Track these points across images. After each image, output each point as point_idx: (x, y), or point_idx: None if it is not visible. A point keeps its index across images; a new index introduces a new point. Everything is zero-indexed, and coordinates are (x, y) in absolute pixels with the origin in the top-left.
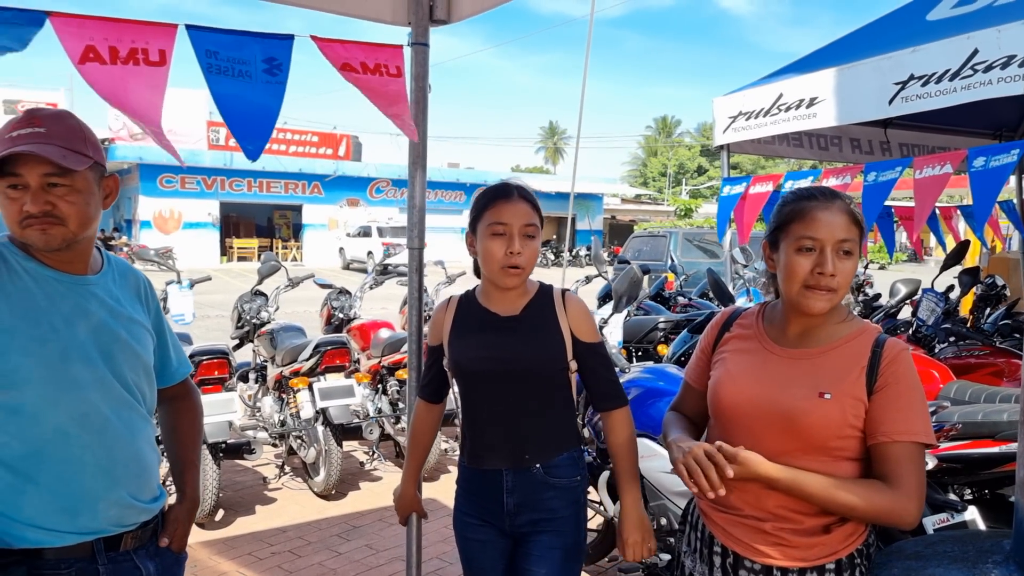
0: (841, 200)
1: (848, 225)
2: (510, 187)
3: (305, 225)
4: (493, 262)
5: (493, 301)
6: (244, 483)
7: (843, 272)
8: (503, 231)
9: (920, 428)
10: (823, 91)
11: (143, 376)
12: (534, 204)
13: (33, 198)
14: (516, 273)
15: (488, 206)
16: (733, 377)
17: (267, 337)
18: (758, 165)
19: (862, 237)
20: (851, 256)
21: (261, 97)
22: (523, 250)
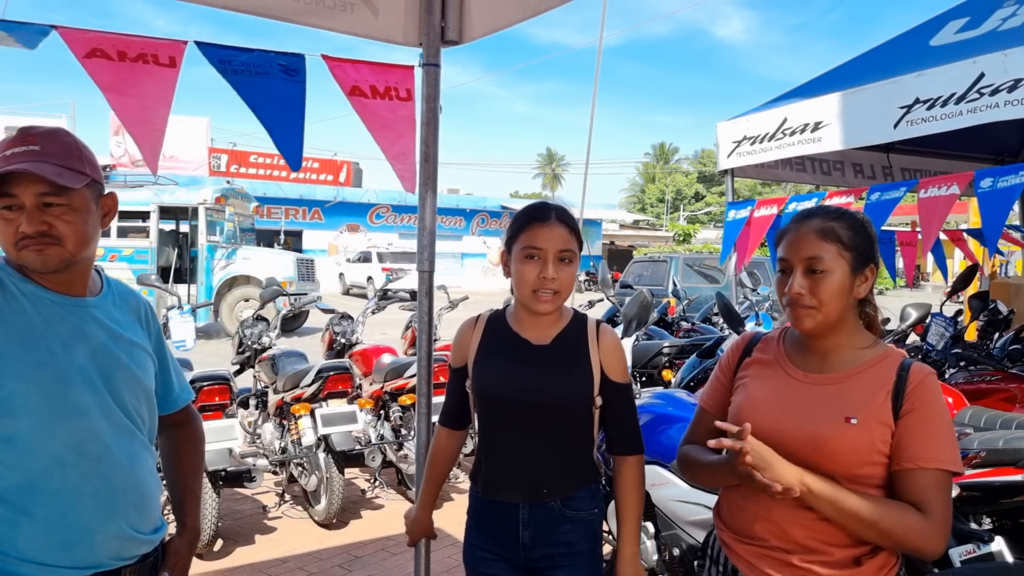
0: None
1: (817, 242)
2: (548, 209)
3: (305, 251)
4: (525, 286)
5: (524, 326)
6: (244, 512)
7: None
8: (537, 255)
9: (948, 455)
10: (828, 115)
11: (144, 402)
12: (572, 228)
13: (28, 218)
14: (549, 299)
15: (524, 228)
16: (755, 403)
17: (268, 362)
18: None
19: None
20: (825, 274)
21: (283, 93)
22: (557, 275)
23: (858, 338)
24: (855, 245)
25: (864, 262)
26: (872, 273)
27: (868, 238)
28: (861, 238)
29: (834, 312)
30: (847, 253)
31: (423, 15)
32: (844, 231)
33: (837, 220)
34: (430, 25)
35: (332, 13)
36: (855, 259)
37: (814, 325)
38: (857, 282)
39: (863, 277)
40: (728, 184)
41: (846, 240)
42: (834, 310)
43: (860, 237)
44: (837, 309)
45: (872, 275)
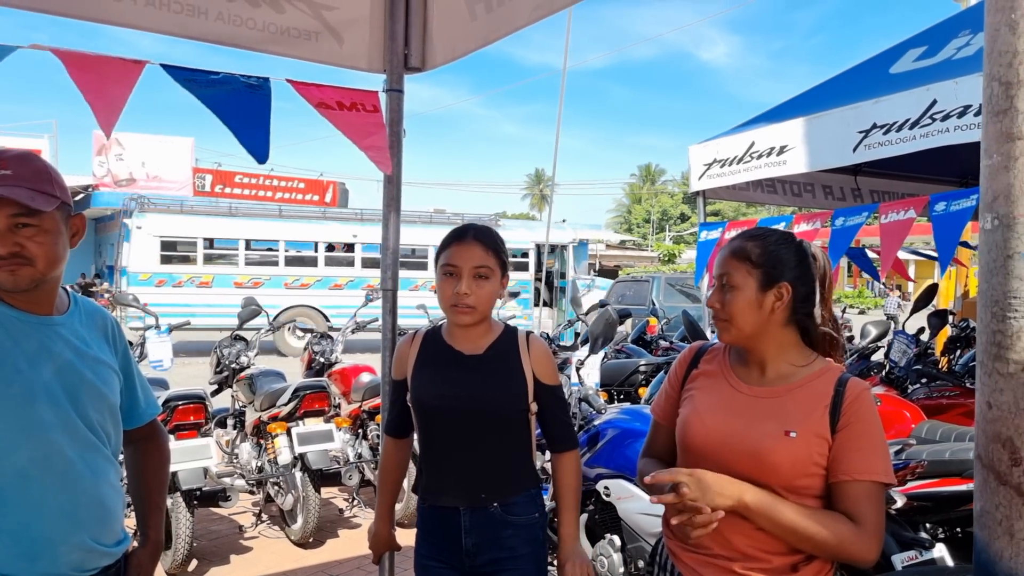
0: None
1: (729, 260)
2: (466, 229)
3: None
4: (444, 301)
5: (457, 339)
6: (219, 532)
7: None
8: (453, 271)
9: (880, 467)
10: (792, 139)
11: (108, 417)
12: (489, 245)
13: (1, 239)
14: (466, 312)
15: (445, 247)
16: (701, 414)
17: (246, 382)
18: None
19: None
20: (734, 289)
21: (248, 101)
22: (471, 291)
23: (794, 354)
24: (763, 264)
25: (773, 281)
26: (787, 291)
27: (783, 258)
28: (771, 259)
29: (747, 325)
30: (755, 271)
31: (387, 42)
32: (755, 251)
33: (751, 240)
34: (393, 52)
35: (297, 42)
36: (763, 277)
37: (729, 337)
38: (768, 299)
39: (776, 294)
40: (700, 205)
41: (755, 259)
42: (746, 323)
43: (772, 256)
44: (748, 323)
45: (787, 293)
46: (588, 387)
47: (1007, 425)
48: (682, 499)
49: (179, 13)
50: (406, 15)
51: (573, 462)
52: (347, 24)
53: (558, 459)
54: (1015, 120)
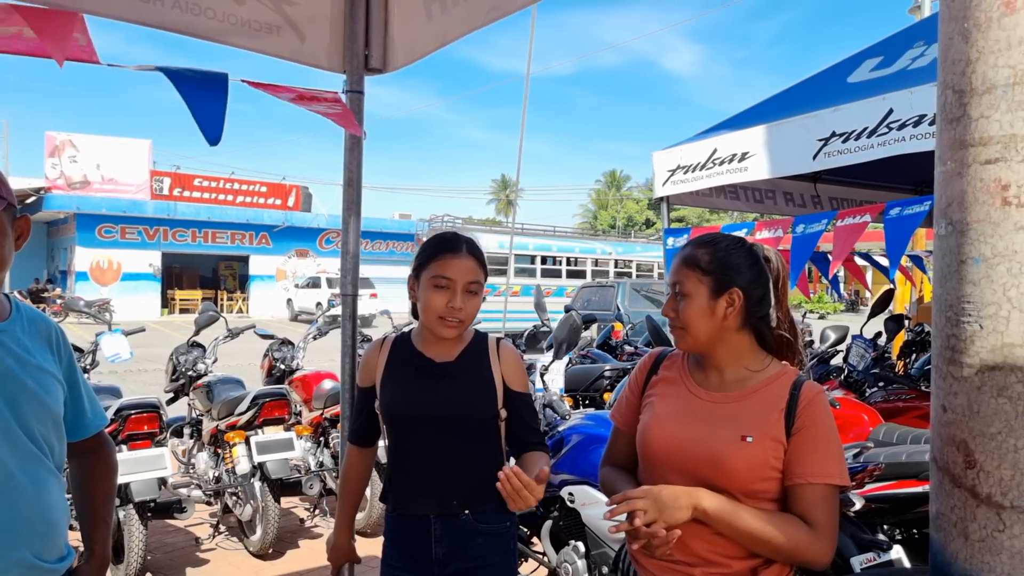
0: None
1: (680, 268)
2: (459, 241)
3: (252, 276)
4: (432, 312)
5: (428, 346)
6: (175, 544)
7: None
8: (447, 284)
9: (835, 470)
10: (754, 146)
11: (51, 428)
12: (480, 260)
13: None
14: (454, 326)
15: (435, 257)
16: (661, 421)
17: (203, 390)
18: (703, 218)
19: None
20: (686, 297)
21: (205, 77)
22: (464, 305)
23: (750, 359)
24: (713, 271)
25: (723, 287)
26: (738, 296)
27: (734, 264)
28: (721, 265)
29: (701, 332)
30: (706, 278)
31: (347, 43)
32: (704, 257)
33: (701, 247)
34: (353, 53)
35: (258, 35)
36: (714, 284)
37: (685, 345)
38: (719, 305)
39: (727, 300)
40: (664, 211)
41: (705, 266)
42: (700, 330)
43: (720, 264)
44: (704, 330)
45: (739, 298)
46: (552, 393)
47: (961, 428)
48: (638, 527)
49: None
50: (366, 15)
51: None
52: (309, 20)
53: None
54: (968, 127)
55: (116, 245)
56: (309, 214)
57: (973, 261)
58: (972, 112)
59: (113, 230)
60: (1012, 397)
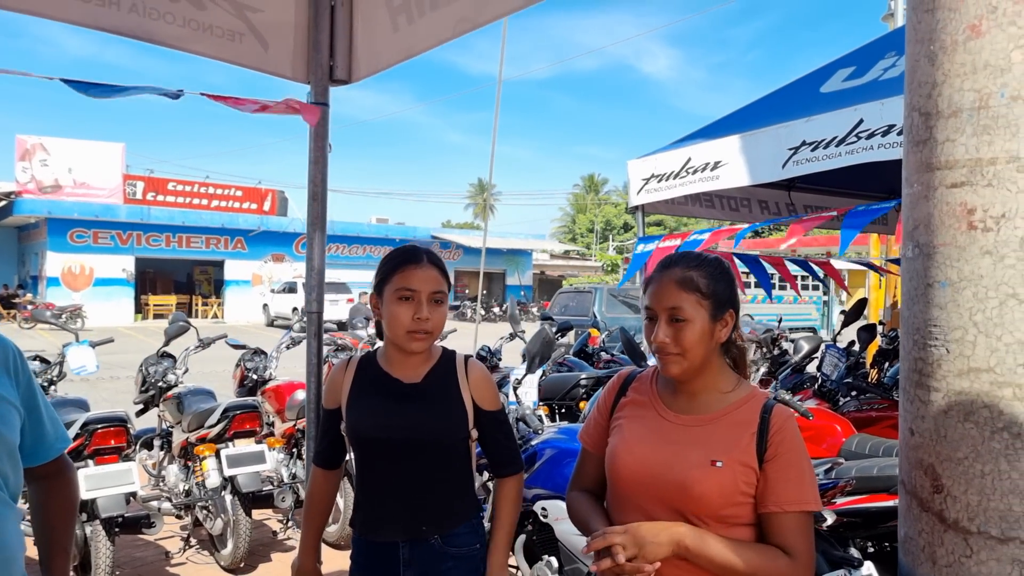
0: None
1: (677, 292)
2: (419, 252)
3: (228, 281)
4: (399, 327)
5: (395, 366)
6: (144, 559)
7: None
8: (411, 296)
9: (809, 496)
10: (727, 155)
11: (5, 459)
12: (443, 270)
13: None
14: (423, 338)
15: (396, 270)
16: (629, 445)
17: (174, 401)
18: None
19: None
20: (686, 323)
21: (156, 91)
22: (431, 316)
23: (723, 380)
24: (713, 292)
25: (723, 307)
26: (731, 317)
27: (727, 284)
28: (720, 284)
29: (697, 357)
30: (706, 301)
31: (311, 53)
32: (702, 280)
33: (696, 269)
34: (318, 64)
35: (220, 42)
36: (714, 306)
37: (680, 371)
38: (718, 327)
39: (723, 322)
40: (639, 220)
41: (704, 289)
42: (698, 355)
43: (719, 284)
44: (700, 354)
45: (731, 319)
46: (526, 406)
47: (928, 452)
48: (620, 566)
49: (87, 2)
50: (331, 25)
51: (515, 487)
52: (273, 27)
53: (500, 483)
54: (934, 150)
55: (88, 250)
56: (285, 218)
57: (940, 285)
58: (938, 135)
59: (85, 235)
60: (979, 422)
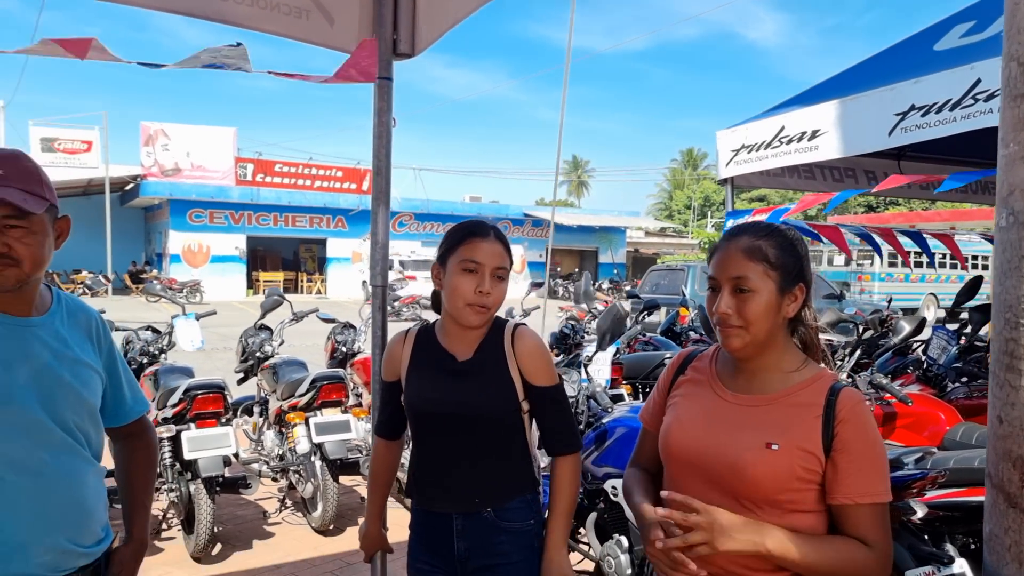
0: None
1: (743, 262)
2: (486, 226)
3: (329, 259)
4: (459, 299)
5: (451, 340)
6: (245, 517)
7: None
8: (475, 268)
9: (881, 488)
10: (825, 123)
11: (87, 419)
12: (507, 246)
13: None
14: (481, 312)
15: (463, 241)
16: (683, 424)
17: (270, 371)
18: (786, 197)
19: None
20: (751, 294)
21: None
22: (492, 291)
23: (787, 359)
24: (782, 264)
25: (792, 281)
26: (801, 292)
27: (797, 256)
28: (790, 256)
29: (762, 332)
30: (774, 272)
31: (376, 28)
32: (771, 250)
33: (765, 238)
34: (382, 38)
35: (287, 19)
36: (782, 278)
37: (742, 345)
38: (786, 301)
39: (792, 296)
40: (728, 193)
41: (773, 259)
42: (761, 330)
43: (789, 255)
44: (764, 329)
45: (802, 294)
46: (597, 384)
47: (1018, 443)
48: (688, 544)
49: None
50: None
51: (570, 468)
52: (338, 4)
53: (554, 463)
54: None
55: (205, 229)
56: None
57: None
58: None
59: (202, 215)
60: None
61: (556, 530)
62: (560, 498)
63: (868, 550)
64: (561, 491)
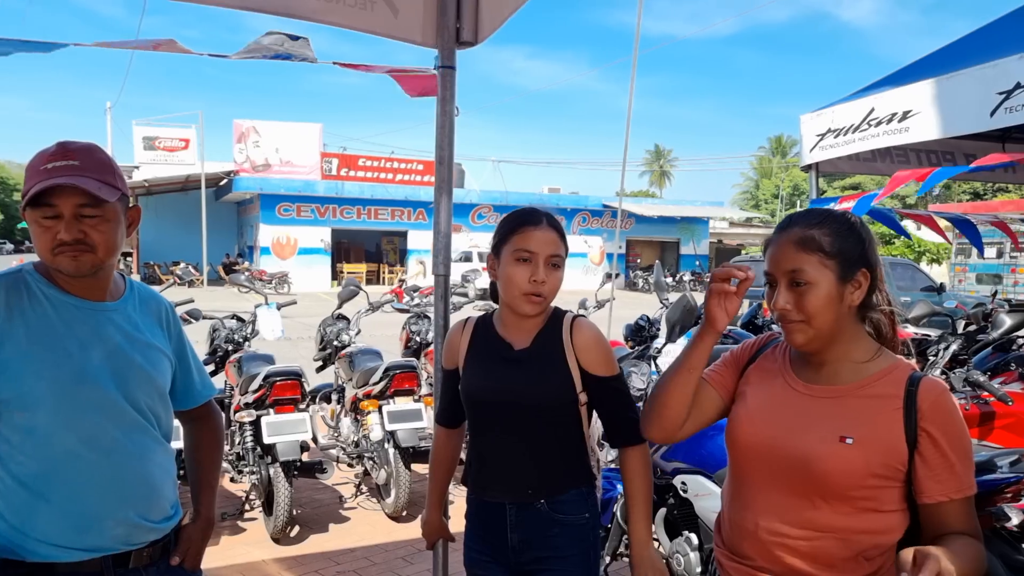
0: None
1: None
2: (539, 214)
3: (410, 251)
4: (514, 288)
5: (509, 329)
6: (322, 501)
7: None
8: (529, 258)
9: (972, 480)
10: (918, 104)
11: (158, 400)
12: (561, 234)
13: (67, 227)
14: (537, 302)
15: (515, 231)
16: (751, 415)
17: (346, 359)
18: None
19: None
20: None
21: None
22: (547, 279)
23: (860, 348)
24: (840, 251)
25: (853, 267)
26: (865, 277)
27: (857, 241)
28: (847, 242)
29: (825, 324)
30: (831, 261)
31: (439, 16)
32: (826, 238)
33: (818, 226)
34: (445, 27)
35: (352, 11)
36: (841, 266)
37: (806, 340)
38: (848, 290)
39: (855, 283)
40: (812, 180)
41: (828, 247)
42: (825, 322)
43: (846, 241)
44: (828, 321)
45: (866, 279)
46: None
47: None
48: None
49: None
50: None
51: (638, 459)
52: None
53: (621, 455)
54: None
55: (293, 222)
56: (461, 190)
57: None
58: None
59: (290, 208)
60: None
61: (637, 524)
62: (633, 491)
63: (978, 543)
64: (633, 483)
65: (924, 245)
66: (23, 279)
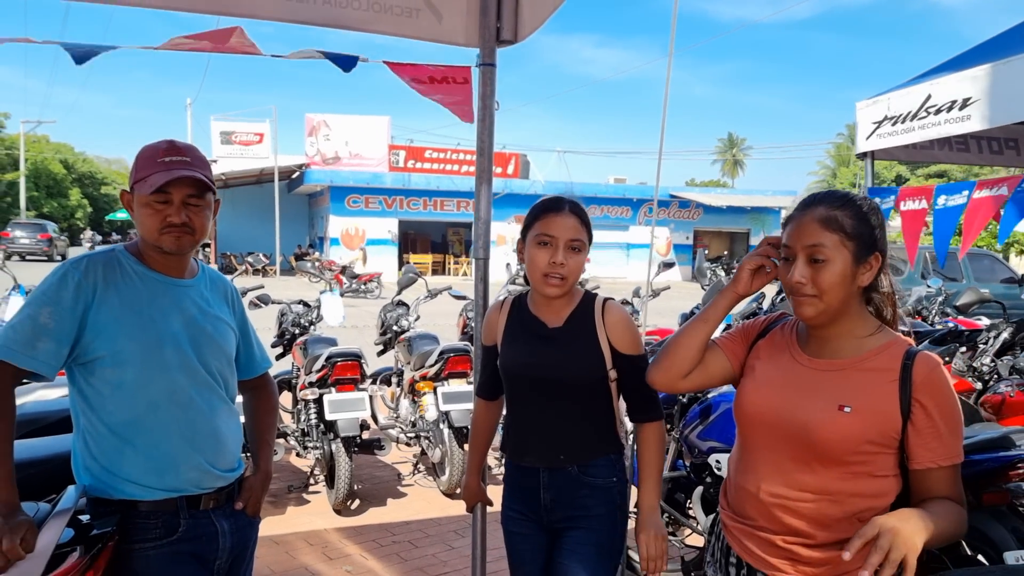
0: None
1: (819, 231)
2: (562, 201)
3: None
4: (536, 270)
5: (541, 309)
6: (382, 478)
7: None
8: (550, 242)
9: (960, 448)
10: (977, 90)
11: (225, 365)
12: (583, 220)
13: (177, 212)
14: (557, 284)
15: (539, 217)
16: (759, 386)
17: (405, 344)
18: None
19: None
20: (826, 263)
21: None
22: (566, 261)
23: (861, 325)
24: (858, 234)
25: (868, 250)
26: (877, 261)
27: (872, 226)
28: (865, 226)
29: (835, 301)
30: (850, 243)
31: (480, 17)
32: (847, 219)
33: (842, 208)
34: (485, 26)
35: (399, 20)
36: (858, 248)
37: (815, 313)
38: (860, 271)
39: (867, 266)
40: (868, 169)
41: (849, 229)
42: (835, 299)
43: (864, 225)
44: (838, 298)
45: (877, 263)
46: None
47: None
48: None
49: (289, 0)
50: None
51: (653, 434)
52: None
53: (638, 430)
54: None
55: (361, 214)
56: (527, 181)
57: None
58: None
59: (359, 200)
60: None
61: (648, 492)
62: (646, 462)
63: (960, 507)
64: (647, 456)
65: (1015, 236)
66: (116, 257)
